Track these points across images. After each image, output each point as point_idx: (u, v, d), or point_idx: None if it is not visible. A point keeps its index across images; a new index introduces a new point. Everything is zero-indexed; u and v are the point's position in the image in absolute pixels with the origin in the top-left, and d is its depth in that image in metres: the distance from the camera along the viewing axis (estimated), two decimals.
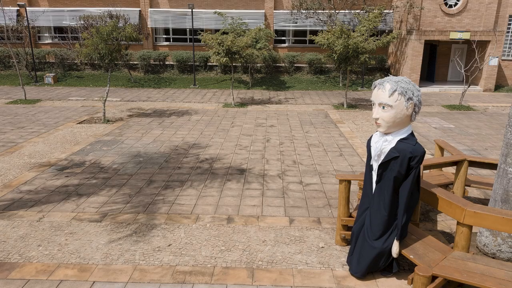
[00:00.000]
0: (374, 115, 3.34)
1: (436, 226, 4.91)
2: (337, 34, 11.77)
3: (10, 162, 7.18)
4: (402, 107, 3.23)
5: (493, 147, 8.62)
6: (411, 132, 3.39)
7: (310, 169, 7.02)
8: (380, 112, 3.30)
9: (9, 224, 4.81)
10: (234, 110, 12.44)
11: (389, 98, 3.22)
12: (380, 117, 3.30)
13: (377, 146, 3.46)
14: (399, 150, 3.31)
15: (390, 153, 3.35)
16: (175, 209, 5.31)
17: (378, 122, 3.34)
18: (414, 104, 3.27)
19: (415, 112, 3.32)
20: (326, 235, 4.62)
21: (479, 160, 5.01)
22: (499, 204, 4.11)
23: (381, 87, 3.26)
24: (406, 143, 3.31)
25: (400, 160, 3.29)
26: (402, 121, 3.29)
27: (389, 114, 3.25)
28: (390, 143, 3.37)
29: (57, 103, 13.13)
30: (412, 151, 3.26)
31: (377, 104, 3.31)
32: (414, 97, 3.24)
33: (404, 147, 3.29)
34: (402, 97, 3.21)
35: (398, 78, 3.27)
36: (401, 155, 3.29)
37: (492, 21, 16.55)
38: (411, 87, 3.24)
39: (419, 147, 3.28)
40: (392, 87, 3.20)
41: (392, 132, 3.38)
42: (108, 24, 9.76)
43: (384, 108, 3.26)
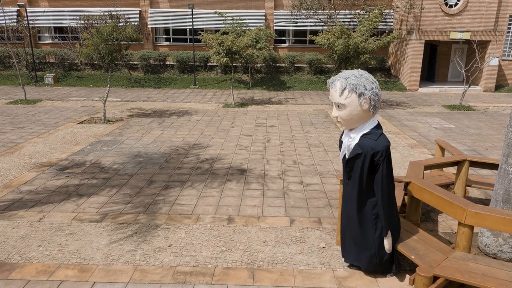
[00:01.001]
0: (333, 114, 3.32)
1: (437, 226, 4.91)
2: (337, 34, 11.77)
3: (10, 162, 7.17)
4: (356, 103, 3.15)
5: (493, 147, 8.61)
6: (375, 125, 3.29)
7: (311, 169, 7.01)
8: (337, 111, 3.27)
9: (9, 225, 4.80)
10: (234, 110, 12.43)
11: (341, 97, 3.16)
12: (339, 116, 3.27)
13: (345, 143, 3.46)
14: (361, 146, 3.26)
15: (354, 150, 3.33)
16: (176, 209, 5.30)
17: (338, 120, 3.32)
18: (369, 99, 3.15)
19: (373, 106, 3.19)
20: (327, 236, 4.62)
21: (480, 160, 5.00)
22: (500, 205, 4.10)
23: (333, 86, 3.22)
24: (368, 138, 3.25)
25: (363, 157, 3.25)
26: (361, 117, 3.22)
27: (345, 112, 3.21)
28: (354, 139, 3.34)
29: (57, 103, 13.13)
30: (374, 147, 3.20)
31: (333, 103, 3.29)
32: (366, 91, 3.12)
33: (366, 143, 3.24)
34: (353, 94, 3.12)
35: (349, 73, 3.18)
36: (363, 151, 3.24)
37: (492, 21, 16.54)
38: (362, 81, 3.13)
39: (381, 141, 3.20)
40: (342, 85, 3.13)
41: (355, 128, 3.34)
42: (108, 24, 9.76)
43: (339, 107, 3.22)
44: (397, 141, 8.98)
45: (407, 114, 12.04)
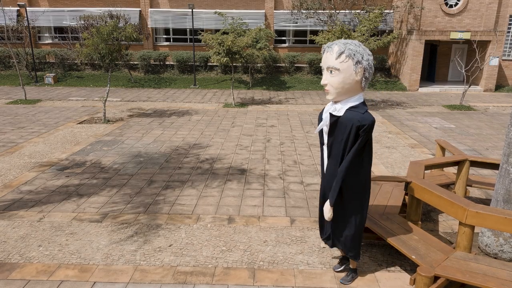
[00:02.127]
0: (323, 81, 3.10)
1: (438, 226, 4.90)
2: (337, 34, 11.76)
3: (11, 162, 7.17)
4: (351, 70, 2.98)
5: (494, 147, 8.60)
6: (362, 101, 3.14)
7: (311, 169, 7.00)
8: (328, 77, 3.06)
9: (9, 225, 4.79)
10: (235, 110, 12.43)
11: (336, 60, 2.97)
12: (329, 83, 3.06)
13: (327, 116, 3.22)
14: (347, 119, 3.06)
15: (339, 122, 3.12)
16: (176, 209, 5.29)
17: (327, 88, 3.10)
18: (364, 68, 3.01)
19: (366, 77, 3.05)
20: None
21: (481, 160, 5.00)
22: (501, 204, 4.09)
23: (329, 50, 3.02)
24: (355, 111, 3.06)
25: (348, 130, 3.06)
26: (352, 87, 3.04)
27: (337, 79, 3.00)
28: (339, 111, 3.13)
29: (58, 103, 13.12)
30: (361, 119, 3.01)
31: (326, 68, 3.07)
32: (363, 60, 2.99)
33: (352, 116, 3.04)
34: (350, 60, 2.96)
35: (347, 40, 3.05)
36: (348, 123, 3.05)
37: (492, 21, 16.53)
38: (360, 50, 2.99)
39: (368, 116, 3.03)
40: (340, 49, 2.96)
41: (341, 100, 3.13)
42: (108, 24, 9.75)
43: (332, 73, 3.02)
44: (397, 141, 8.98)
45: (407, 114, 12.03)
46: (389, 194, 4.80)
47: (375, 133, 9.68)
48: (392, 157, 7.77)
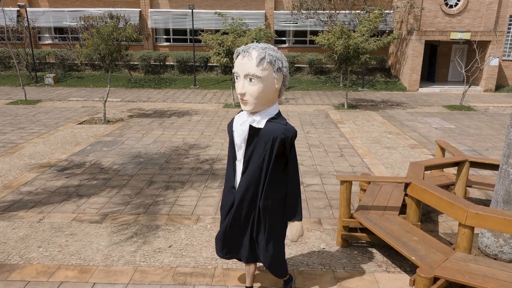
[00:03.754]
0: (240, 90, 2.70)
1: (438, 227, 4.90)
2: (337, 34, 11.76)
3: (10, 163, 7.17)
4: (271, 79, 2.67)
5: (494, 147, 8.60)
6: (278, 110, 2.86)
7: (311, 169, 7.00)
8: (247, 85, 2.67)
9: (9, 225, 4.79)
10: (235, 110, 12.42)
11: (257, 67, 2.62)
12: (247, 92, 2.68)
13: (244, 129, 2.86)
14: (269, 131, 2.76)
15: (260, 135, 2.81)
16: (176, 210, 5.29)
17: (245, 98, 2.70)
18: (284, 76, 2.76)
19: (284, 86, 2.83)
20: (327, 236, 4.61)
21: (481, 160, 5.00)
22: (500, 205, 4.09)
23: (247, 55, 2.65)
24: (276, 123, 2.78)
25: (271, 143, 2.76)
26: (271, 97, 2.75)
27: (258, 88, 2.65)
28: (259, 124, 2.81)
29: (58, 104, 13.13)
30: (285, 132, 2.76)
31: (243, 76, 2.68)
32: (283, 67, 2.73)
33: (275, 128, 2.76)
34: (271, 67, 2.65)
35: (264, 44, 2.73)
36: (271, 136, 2.75)
37: (492, 22, 16.53)
38: (279, 55, 2.71)
39: (290, 127, 2.81)
40: (260, 54, 2.62)
41: (260, 111, 2.80)
42: (108, 25, 9.75)
43: (251, 81, 2.64)
44: (397, 141, 8.98)
45: (407, 115, 12.03)
46: (389, 195, 4.80)
47: (375, 133, 9.68)
48: (392, 157, 7.77)
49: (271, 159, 2.81)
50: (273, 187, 2.91)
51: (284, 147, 2.81)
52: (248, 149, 2.87)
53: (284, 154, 2.87)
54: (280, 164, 2.89)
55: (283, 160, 2.90)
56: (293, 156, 2.88)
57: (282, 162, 2.90)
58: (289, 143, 2.79)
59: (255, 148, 2.84)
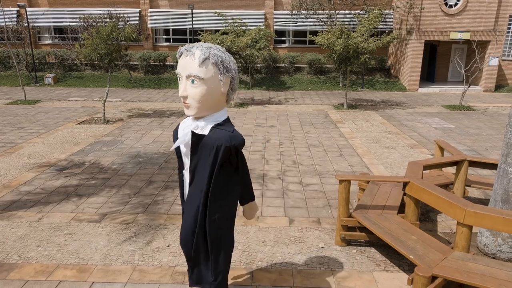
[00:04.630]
0: (181, 92, 2.47)
1: (436, 226, 4.90)
2: (337, 34, 11.76)
3: (10, 163, 7.17)
4: (217, 81, 2.45)
5: (493, 147, 8.60)
6: (227, 117, 2.64)
7: (310, 169, 7.00)
8: (189, 87, 2.45)
9: (8, 225, 4.80)
10: (234, 110, 12.43)
11: (200, 68, 2.40)
12: (189, 95, 2.45)
13: (186, 134, 2.64)
14: (214, 138, 2.53)
15: (204, 143, 2.58)
16: (175, 209, 5.29)
17: (187, 102, 2.48)
18: (232, 78, 2.53)
19: (233, 89, 2.58)
20: (326, 236, 4.61)
21: (479, 160, 5.00)
22: (499, 204, 4.09)
23: (189, 54, 2.43)
24: (222, 129, 2.55)
25: (216, 151, 2.53)
26: (217, 101, 2.52)
27: (201, 90, 2.43)
28: (203, 130, 2.58)
29: (57, 104, 13.13)
30: (231, 139, 2.52)
31: (185, 76, 2.46)
32: (231, 70, 2.50)
33: (220, 135, 2.52)
34: (216, 68, 2.43)
35: (209, 44, 2.50)
36: (216, 144, 2.52)
37: (492, 21, 16.54)
38: (226, 56, 2.49)
39: (237, 134, 2.58)
40: (203, 54, 2.40)
41: (205, 116, 2.57)
42: (107, 25, 9.75)
43: (193, 83, 2.43)
44: (397, 141, 8.98)
45: (407, 114, 12.03)
46: (388, 194, 4.80)
47: (374, 133, 9.69)
48: (392, 157, 7.77)
49: (215, 168, 2.58)
50: (220, 198, 2.68)
51: (230, 156, 2.60)
52: (193, 157, 2.64)
53: (231, 162, 2.65)
54: (228, 173, 2.67)
55: (231, 169, 2.68)
56: (242, 162, 2.71)
57: (230, 171, 2.68)
58: (235, 152, 2.59)
59: (200, 157, 2.61)
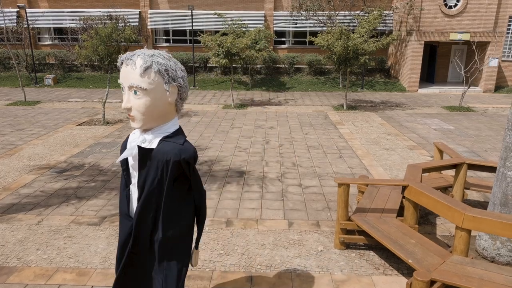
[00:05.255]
0: (124, 104, 2.28)
1: (435, 229, 4.91)
2: (336, 35, 11.77)
3: (10, 165, 7.18)
4: (162, 91, 2.26)
5: (493, 148, 8.61)
6: (178, 127, 2.44)
7: (310, 171, 7.01)
8: (132, 99, 2.26)
9: (7, 228, 4.80)
10: (234, 111, 12.44)
11: (142, 78, 2.22)
12: (133, 107, 2.27)
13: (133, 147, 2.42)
14: (163, 152, 2.33)
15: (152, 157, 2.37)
16: None
17: (132, 114, 2.29)
18: (179, 87, 2.33)
19: (182, 98, 2.39)
20: (325, 239, 4.62)
21: (478, 163, 5.01)
22: (498, 208, 4.10)
23: (130, 63, 2.24)
24: (171, 142, 2.35)
25: (165, 166, 2.34)
26: (165, 111, 2.33)
27: (145, 102, 2.24)
28: (151, 143, 2.38)
29: (57, 105, 13.13)
30: (180, 152, 2.31)
31: (127, 87, 2.26)
32: (178, 78, 2.31)
33: (169, 148, 2.33)
34: (160, 77, 2.25)
35: (153, 51, 2.31)
36: (164, 158, 2.33)
37: (492, 22, 16.54)
38: (172, 63, 2.30)
39: (189, 147, 2.36)
40: (145, 63, 2.21)
41: (153, 128, 2.38)
42: (107, 26, 9.76)
43: (136, 94, 2.24)
44: (396, 142, 8.98)
45: (407, 115, 12.04)
46: (387, 197, 4.81)
47: (374, 134, 9.69)
48: (391, 159, 7.78)
49: (166, 184, 2.37)
50: (172, 216, 2.46)
51: (182, 170, 2.39)
52: (141, 172, 2.41)
53: (185, 177, 2.44)
54: (181, 189, 2.45)
55: (184, 185, 2.46)
56: (195, 180, 2.45)
57: (183, 186, 2.46)
58: (187, 166, 2.36)
59: (149, 171, 2.38)
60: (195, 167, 2.40)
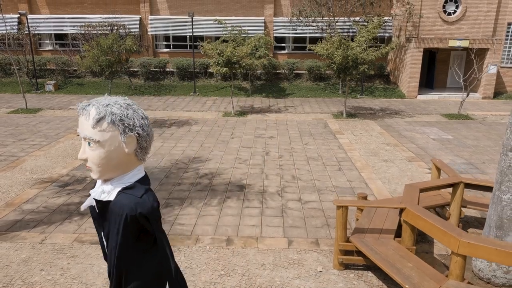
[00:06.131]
0: (80, 155, 2.17)
1: (433, 247, 4.99)
2: (336, 44, 11.85)
3: (12, 178, 7.25)
4: (117, 142, 2.14)
5: (490, 160, 8.69)
6: (142, 176, 2.28)
7: (309, 184, 7.09)
8: (87, 150, 2.15)
9: (12, 247, 4.88)
10: (234, 119, 12.51)
11: (94, 129, 2.10)
12: (88, 158, 2.15)
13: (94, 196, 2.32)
14: (119, 205, 2.19)
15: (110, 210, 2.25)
16: (176, 229, 5.38)
17: (88, 165, 2.18)
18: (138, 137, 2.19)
19: (142, 148, 2.23)
20: (324, 258, 4.69)
21: (475, 182, 5.08)
22: (493, 231, 4.18)
23: (85, 113, 2.13)
24: (129, 194, 2.20)
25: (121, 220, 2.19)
26: (123, 163, 2.19)
27: (99, 154, 2.13)
28: (110, 195, 2.25)
29: (58, 113, 13.21)
30: (136, 207, 2.15)
31: (82, 138, 2.17)
32: (136, 127, 2.18)
33: (126, 201, 2.18)
34: (115, 128, 2.13)
35: (110, 99, 2.18)
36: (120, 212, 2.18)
37: (490, 29, 16.62)
38: (129, 112, 2.17)
39: (146, 200, 2.17)
40: (99, 113, 2.10)
41: (112, 179, 2.25)
42: (108, 37, 9.84)
43: (90, 145, 2.13)
44: (395, 153, 9.06)
45: (406, 124, 12.12)
46: (385, 216, 4.89)
47: (373, 144, 9.78)
48: (390, 171, 7.86)
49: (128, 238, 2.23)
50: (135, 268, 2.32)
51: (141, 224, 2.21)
52: (104, 223, 2.32)
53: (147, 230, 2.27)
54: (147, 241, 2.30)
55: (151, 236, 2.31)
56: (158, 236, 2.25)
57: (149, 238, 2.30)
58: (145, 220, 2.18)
59: (110, 224, 2.26)
60: (157, 221, 2.19)
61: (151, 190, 2.24)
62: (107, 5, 19.17)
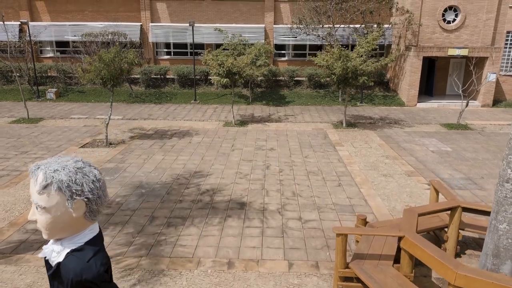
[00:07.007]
0: (30, 216, 2.12)
1: (431, 271, 5.06)
2: (335, 56, 11.93)
3: (15, 195, 7.33)
4: (62, 209, 2.05)
5: (489, 175, 8.76)
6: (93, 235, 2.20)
7: (309, 202, 7.16)
8: (36, 213, 2.09)
9: (16, 271, 4.95)
10: (234, 130, 12.59)
11: (40, 195, 2.03)
12: (38, 221, 2.09)
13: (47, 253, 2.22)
14: (66, 268, 2.11)
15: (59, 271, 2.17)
16: (177, 251, 5.45)
17: (38, 226, 2.12)
18: (88, 200, 2.10)
19: (92, 210, 2.14)
20: (324, 283, 4.77)
21: (473, 207, 5.16)
22: (490, 259, 4.26)
23: (34, 177, 2.06)
24: (76, 257, 2.12)
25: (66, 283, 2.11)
26: (71, 226, 2.12)
27: (45, 219, 2.05)
28: (59, 256, 2.17)
29: (60, 122, 13.29)
30: (81, 272, 2.07)
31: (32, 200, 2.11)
32: (85, 192, 2.10)
33: (71, 266, 2.10)
34: (61, 194, 2.03)
35: (61, 162, 2.06)
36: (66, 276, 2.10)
37: (490, 37, 16.71)
38: (79, 177, 2.08)
39: (93, 265, 2.08)
40: (45, 179, 2.01)
41: (62, 239, 2.17)
42: (110, 51, 9.92)
43: (37, 209, 2.05)
44: (394, 167, 9.14)
45: (405, 134, 12.19)
46: (384, 241, 4.96)
47: (373, 157, 9.85)
48: (389, 187, 7.93)
49: None
50: None
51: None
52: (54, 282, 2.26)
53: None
54: None
55: None
56: None
57: None
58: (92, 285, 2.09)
59: (58, 285, 2.21)
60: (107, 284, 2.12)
61: (101, 251, 2.19)
62: (108, 12, 19.26)
